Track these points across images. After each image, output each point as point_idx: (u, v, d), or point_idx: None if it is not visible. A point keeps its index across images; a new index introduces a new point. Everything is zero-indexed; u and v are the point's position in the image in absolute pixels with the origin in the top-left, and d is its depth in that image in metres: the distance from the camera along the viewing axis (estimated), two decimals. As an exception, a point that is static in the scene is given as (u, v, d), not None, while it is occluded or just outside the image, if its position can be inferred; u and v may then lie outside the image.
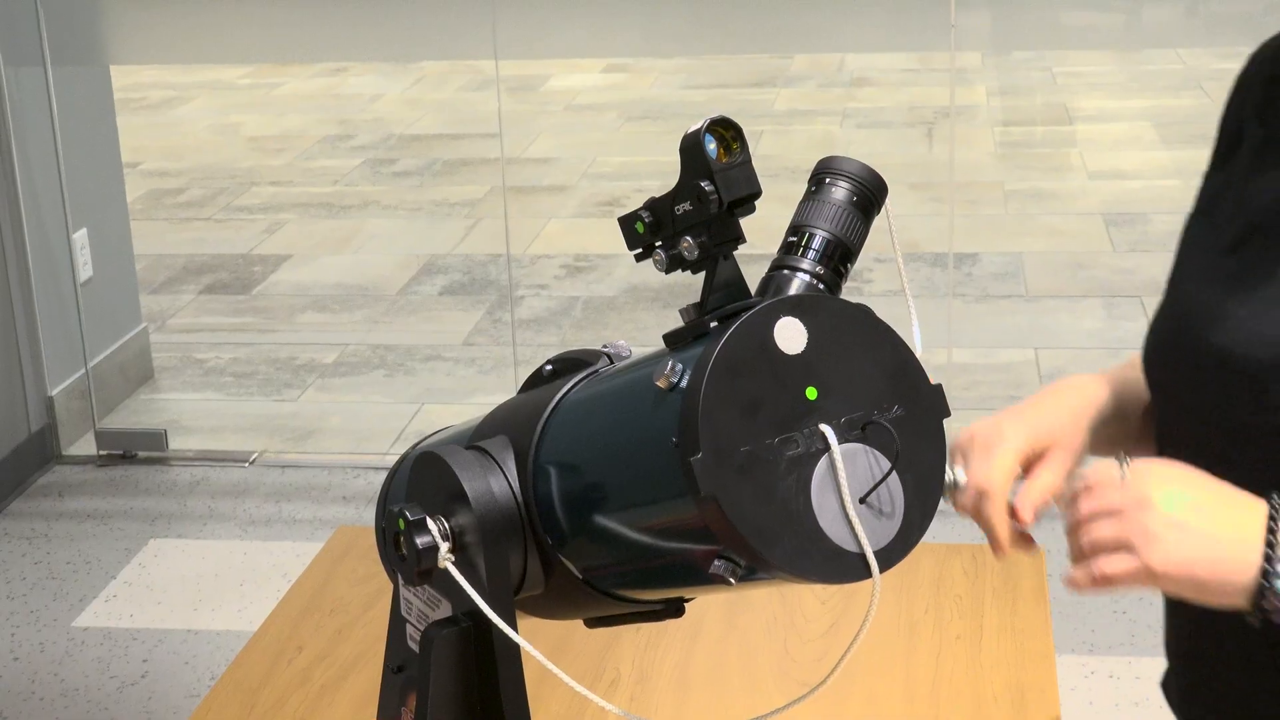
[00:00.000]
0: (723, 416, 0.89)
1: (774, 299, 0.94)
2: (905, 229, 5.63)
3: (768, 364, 0.91)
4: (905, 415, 0.95)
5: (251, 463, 4.10)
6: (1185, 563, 1.04)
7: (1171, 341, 1.24)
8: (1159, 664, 1.41)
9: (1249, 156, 1.27)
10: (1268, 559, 1.03)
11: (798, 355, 0.92)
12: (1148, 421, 1.33)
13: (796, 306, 0.93)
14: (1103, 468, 1.09)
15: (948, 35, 3.76)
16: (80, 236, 4.23)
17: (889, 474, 0.93)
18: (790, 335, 0.92)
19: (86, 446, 4.18)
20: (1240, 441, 1.17)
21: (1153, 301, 1.25)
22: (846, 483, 0.91)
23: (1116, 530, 1.06)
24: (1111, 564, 1.06)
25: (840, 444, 0.91)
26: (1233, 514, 1.05)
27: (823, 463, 0.91)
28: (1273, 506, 1.05)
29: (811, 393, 0.92)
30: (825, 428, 0.91)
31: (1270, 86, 1.30)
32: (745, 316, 0.91)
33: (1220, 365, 1.17)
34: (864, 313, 0.96)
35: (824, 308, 0.94)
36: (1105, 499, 1.07)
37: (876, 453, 0.93)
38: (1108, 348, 4.61)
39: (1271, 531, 1.03)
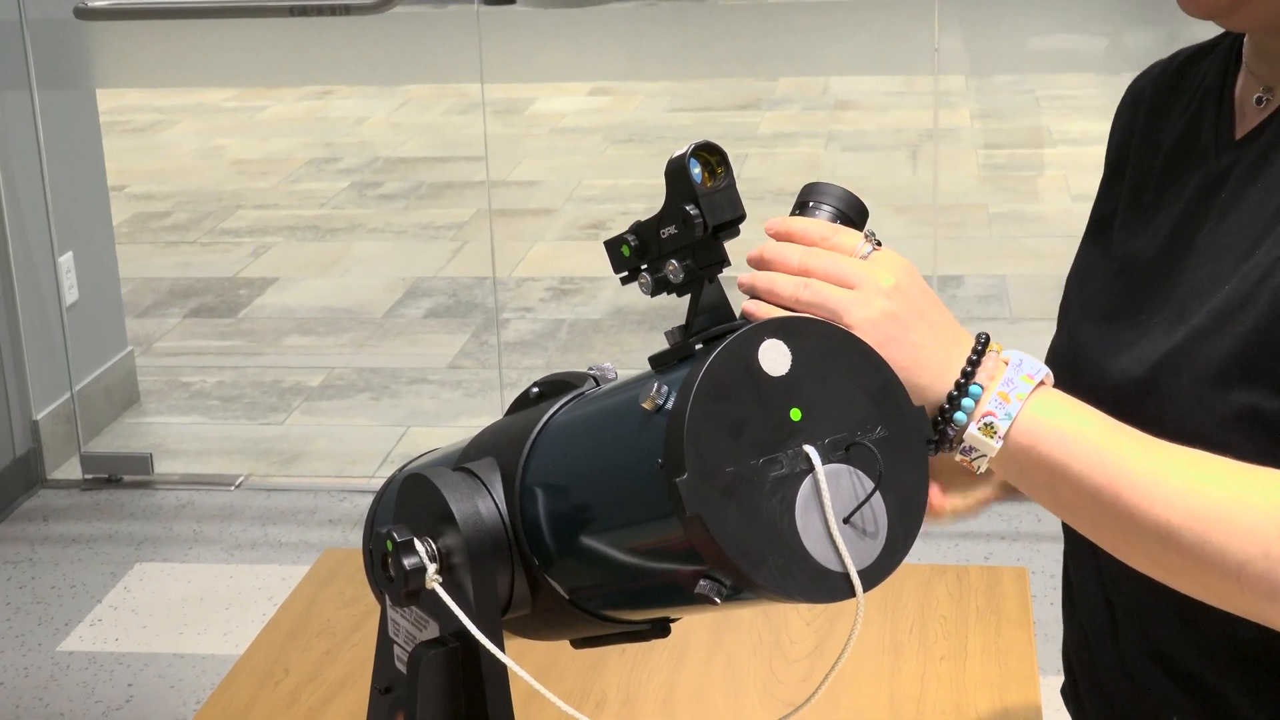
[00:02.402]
0: (708, 438, 0.90)
1: (758, 322, 0.95)
2: (890, 251, 5.64)
3: (752, 386, 0.92)
4: (888, 436, 0.96)
5: (237, 486, 4.10)
6: (887, 351, 1.00)
7: (1066, 367, 1.25)
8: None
9: (1141, 189, 1.32)
10: (958, 385, 1.02)
11: (782, 377, 0.93)
12: None
13: (781, 329, 0.94)
14: (850, 236, 1.03)
15: (931, 59, 3.78)
16: (66, 260, 4.23)
17: (872, 494, 0.93)
18: (774, 357, 0.93)
19: (72, 470, 4.18)
20: None
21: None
22: (830, 503, 0.92)
23: (831, 296, 1.01)
24: (806, 296, 1.01)
25: (824, 465, 0.92)
26: (946, 336, 1.04)
27: (807, 483, 0.92)
28: (979, 341, 1.04)
29: (795, 414, 0.93)
30: (809, 449, 0.92)
31: (1150, 118, 1.34)
32: (730, 339, 0.92)
33: (1111, 390, 1.18)
34: (848, 335, 0.97)
35: (808, 330, 0.95)
36: (839, 262, 1.02)
37: (860, 473, 0.94)
38: (1092, 369, 4.62)
39: (972, 364, 1.02)
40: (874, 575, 0.93)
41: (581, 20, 4.27)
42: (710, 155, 0.96)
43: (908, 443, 0.97)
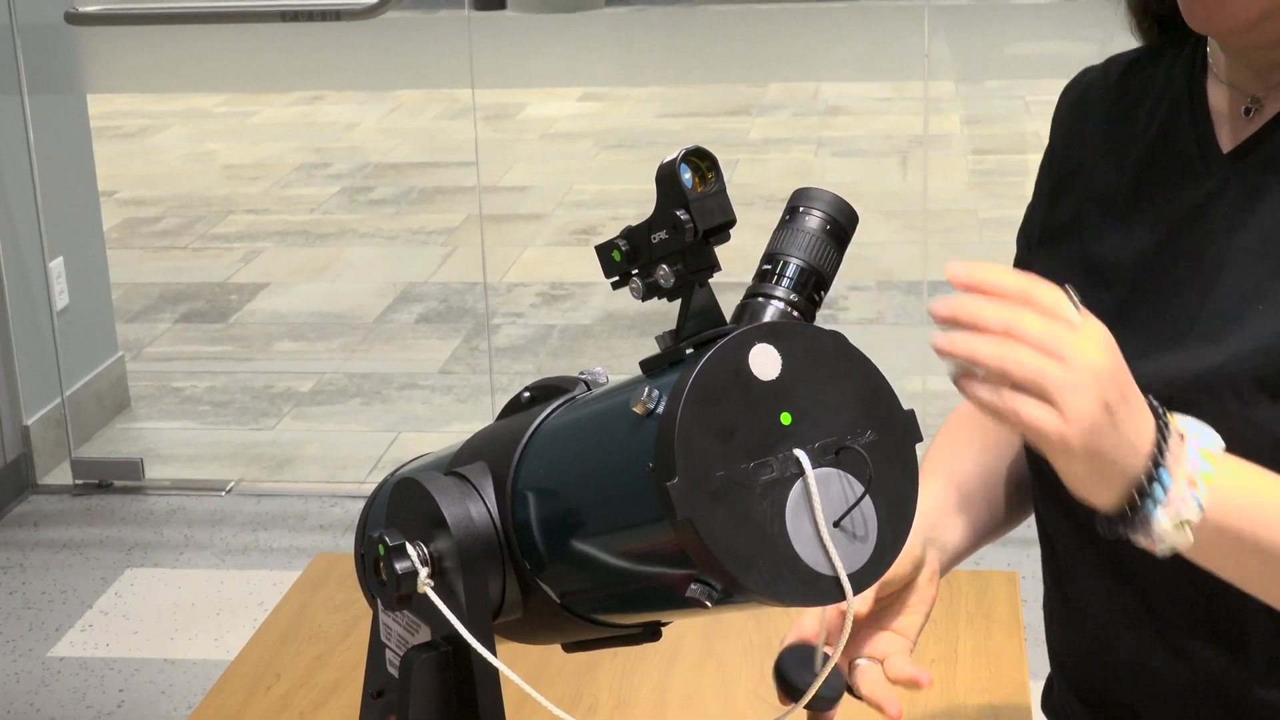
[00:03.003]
0: (698, 442, 0.90)
1: (748, 326, 0.96)
2: (880, 257, 5.66)
3: (742, 390, 0.92)
4: (878, 440, 0.96)
5: (228, 491, 4.10)
6: (1094, 440, 0.97)
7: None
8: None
9: (1112, 194, 1.30)
10: (1148, 474, 0.98)
11: (772, 381, 0.93)
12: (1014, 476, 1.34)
13: (771, 333, 0.94)
14: (1052, 293, 0.96)
15: (921, 64, 3.78)
16: (56, 265, 4.23)
17: (862, 498, 0.94)
18: (765, 362, 0.93)
19: (62, 475, 4.18)
20: None
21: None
22: (820, 507, 0.92)
23: (1045, 373, 0.95)
24: (1029, 409, 0.96)
25: (814, 469, 0.93)
26: (1139, 414, 0.99)
27: (797, 487, 0.92)
28: (1157, 416, 0.99)
29: (786, 418, 0.93)
30: (799, 452, 0.93)
31: (1105, 127, 1.34)
32: (720, 343, 0.93)
33: None
34: (837, 339, 0.97)
35: (798, 334, 0.95)
36: (1049, 330, 0.95)
37: (850, 477, 0.94)
38: (1081, 374, 4.63)
39: (1159, 448, 0.98)
40: (864, 578, 0.93)
41: (572, 25, 4.29)
42: (701, 160, 0.97)
43: (898, 447, 0.98)
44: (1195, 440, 0.99)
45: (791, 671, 0.97)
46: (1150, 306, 1.21)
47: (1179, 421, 1.00)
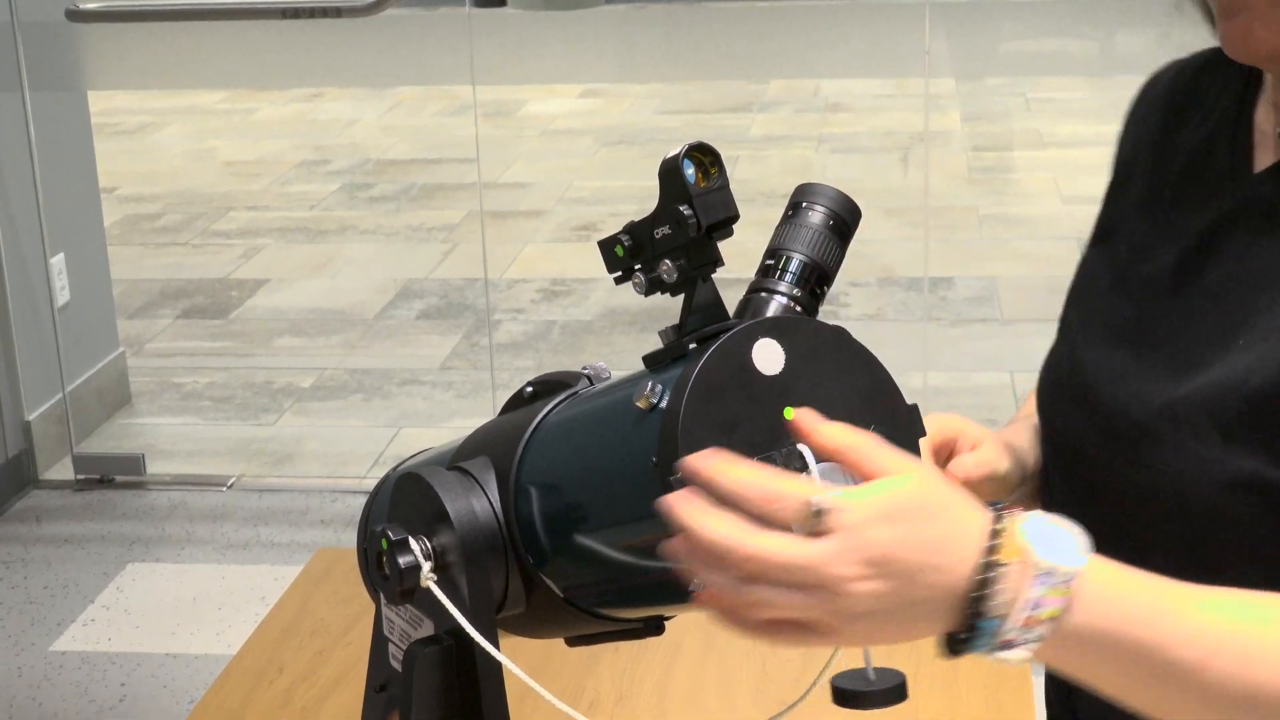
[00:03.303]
0: (701, 436, 0.90)
1: (751, 321, 0.96)
2: (881, 253, 5.67)
3: (746, 385, 0.93)
4: (882, 435, 0.96)
5: (229, 487, 4.10)
6: (873, 639, 0.89)
7: (1063, 384, 1.23)
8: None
9: (1151, 202, 1.25)
10: (969, 624, 0.87)
11: (775, 376, 0.94)
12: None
13: (774, 328, 0.95)
14: (792, 492, 0.85)
15: (922, 61, 3.79)
16: (57, 261, 4.23)
17: None
18: (768, 356, 0.94)
19: (64, 471, 4.18)
20: (1121, 493, 1.13)
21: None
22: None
23: (799, 610, 0.85)
24: (782, 637, 0.87)
25: (817, 464, 0.93)
26: (947, 569, 0.87)
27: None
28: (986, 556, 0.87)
29: (789, 413, 0.93)
30: (802, 447, 0.93)
31: (1164, 125, 1.28)
32: (723, 338, 0.93)
33: (1105, 418, 1.15)
34: (840, 334, 0.97)
35: (801, 329, 0.96)
36: (792, 573, 0.84)
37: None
38: (1082, 371, 4.64)
39: (982, 591, 0.87)
40: None
41: (572, 22, 4.28)
42: (704, 156, 0.97)
43: (901, 441, 0.98)
44: (1043, 578, 0.87)
45: (845, 679, 0.95)
46: (1166, 326, 1.16)
47: (1036, 548, 0.87)
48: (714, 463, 0.86)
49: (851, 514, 0.84)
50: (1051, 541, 0.87)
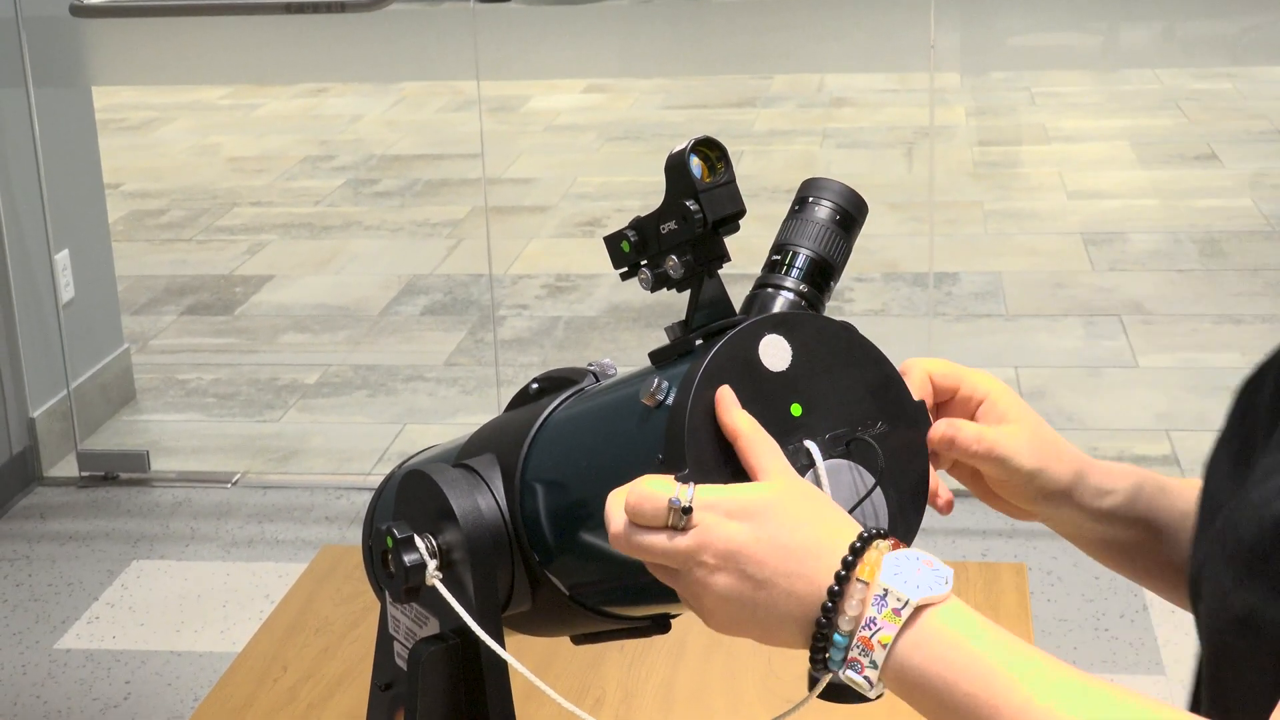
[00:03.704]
0: (708, 433, 0.90)
1: (758, 316, 0.95)
2: (885, 249, 5.66)
3: (752, 381, 0.92)
4: (889, 431, 0.96)
5: (234, 484, 4.10)
6: (739, 632, 0.92)
7: (1214, 481, 1.08)
8: (1140, 681, 1.42)
9: None
10: (818, 630, 0.88)
11: (782, 372, 0.93)
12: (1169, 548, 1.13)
13: (781, 324, 0.94)
14: (654, 493, 0.89)
15: (926, 56, 3.78)
16: (62, 258, 4.23)
17: (873, 490, 0.94)
18: (775, 352, 0.93)
19: (68, 468, 4.18)
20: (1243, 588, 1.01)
21: (1132, 320, 1.23)
22: (831, 498, 0.92)
23: (667, 578, 0.92)
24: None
25: (825, 460, 0.92)
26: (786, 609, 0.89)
27: (808, 478, 0.92)
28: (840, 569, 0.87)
29: (796, 409, 0.93)
30: (810, 444, 0.93)
31: None
32: (730, 334, 0.93)
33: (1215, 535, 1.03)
34: (847, 330, 0.97)
35: (808, 325, 0.95)
36: (662, 560, 0.90)
37: (861, 469, 0.94)
38: (1087, 366, 4.63)
39: (828, 612, 0.87)
40: None
41: (576, 17, 4.27)
42: (710, 150, 0.96)
43: (909, 437, 0.97)
44: (880, 600, 0.86)
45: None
46: (1254, 441, 1.05)
47: (885, 570, 0.86)
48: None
49: (709, 511, 0.88)
50: (905, 570, 0.86)
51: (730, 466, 0.90)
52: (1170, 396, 4.39)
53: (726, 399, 0.91)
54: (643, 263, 0.98)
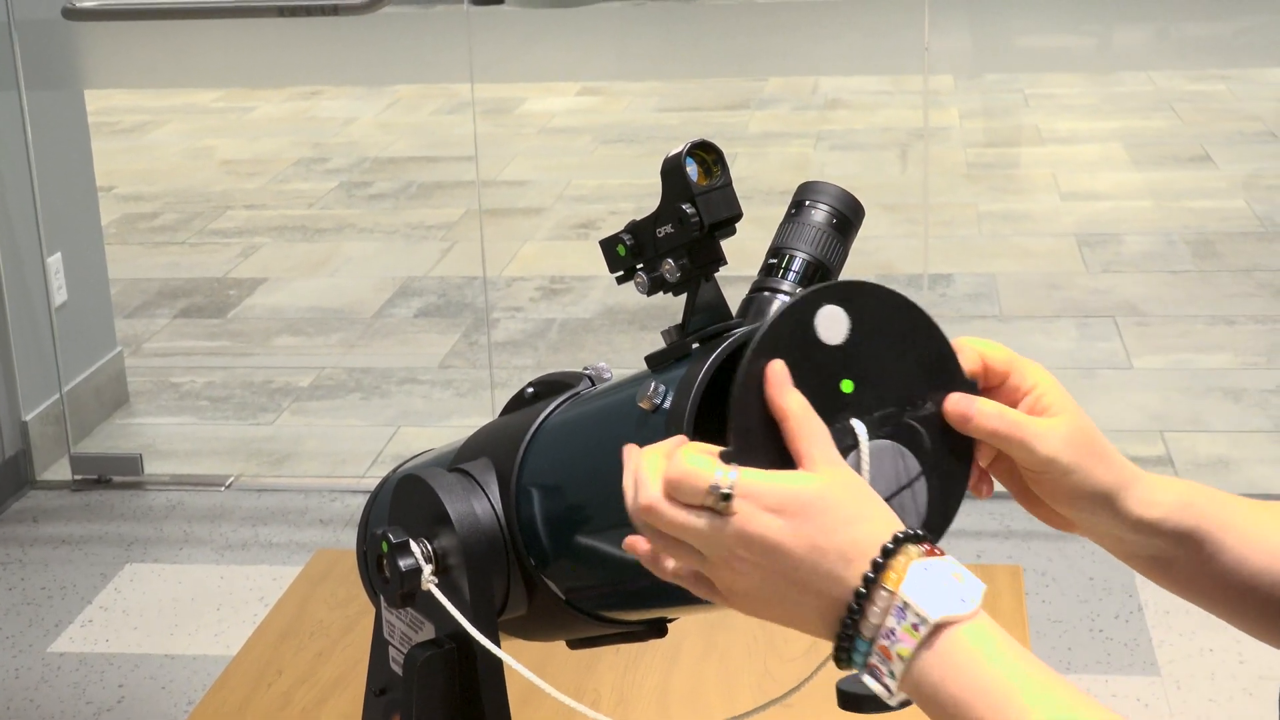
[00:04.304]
0: (756, 408, 0.88)
1: (819, 286, 0.93)
2: (880, 250, 5.66)
3: (805, 354, 0.89)
4: (938, 411, 0.94)
5: (228, 487, 4.09)
6: (758, 614, 0.92)
7: None
8: (1134, 682, 1.42)
9: None
10: (842, 631, 0.88)
11: (837, 345, 0.91)
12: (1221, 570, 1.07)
13: (841, 294, 0.91)
14: (697, 472, 0.87)
15: (921, 58, 3.78)
16: (55, 261, 4.22)
17: (916, 479, 0.92)
18: (832, 325, 0.90)
19: (61, 471, 4.17)
20: None
21: (1125, 321, 1.23)
22: (872, 487, 0.90)
23: (698, 566, 0.91)
24: (685, 584, 0.93)
25: (870, 440, 0.90)
26: (813, 603, 0.89)
27: (850, 459, 0.90)
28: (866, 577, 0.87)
29: (847, 385, 0.89)
30: (857, 424, 0.90)
31: None
32: (789, 303, 0.91)
33: None
34: (907, 304, 0.94)
35: (868, 295, 0.92)
36: (694, 538, 0.89)
37: (906, 452, 0.92)
38: (1081, 367, 4.63)
39: (854, 615, 0.87)
40: None
41: (570, 20, 4.27)
42: (706, 154, 0.96)
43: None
44: (900, 612, 0.86)
45: (850, 683, 0.94)
46: None
47: (909, 581, 0.86)
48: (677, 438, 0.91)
49: (748, 500, 0.87)
50: (931, 584, 0.85)
51: (774, 445, 0.88)
52: (1164, 397, 4.39)
53: (779, 376, 0.89)
54: (639, 266, 0.98)
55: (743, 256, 1.16)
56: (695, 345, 0.96)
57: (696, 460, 0.87)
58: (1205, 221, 5.99)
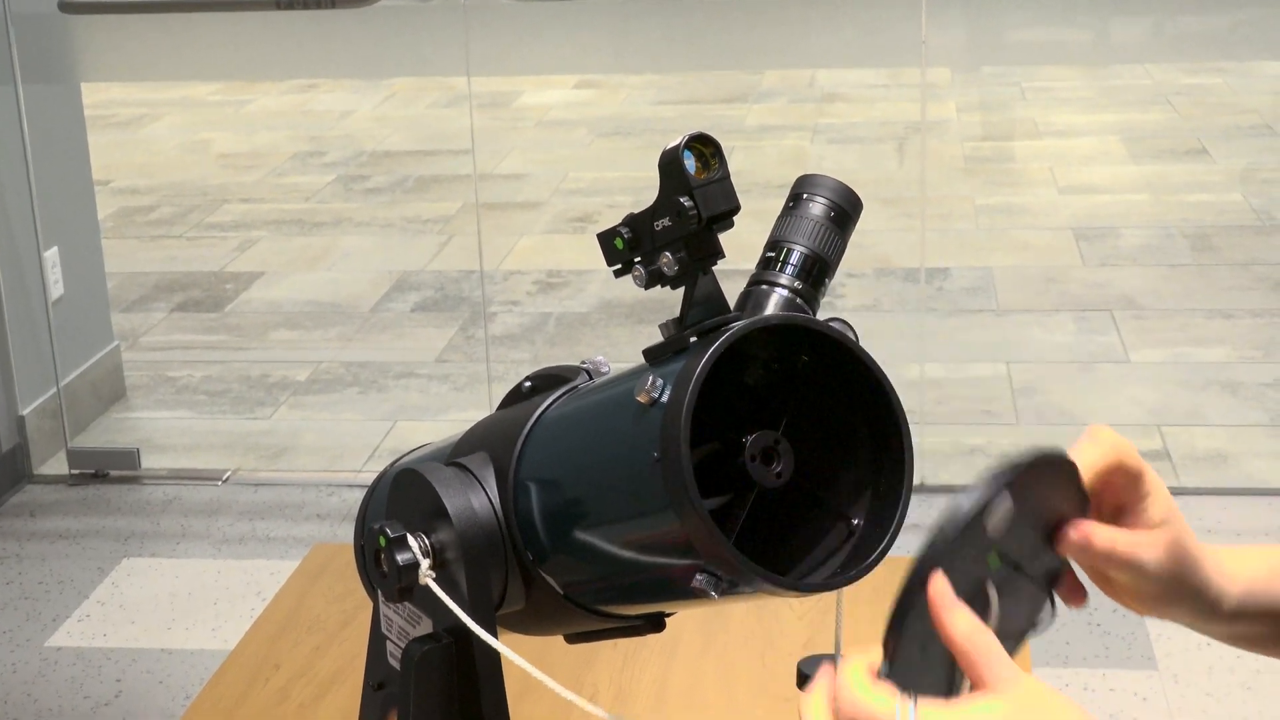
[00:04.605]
0: (920, 628, 0.86)
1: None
2: (877, 244, 5.66)
3: (971, 545, 0.89)
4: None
5: (225, 481, 4.09)
6: None
7: None
8: (1132, 676, 1.42)
9: None
10: None
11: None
12: None
13: (1015, 487, 0.88)
14: (870, 715, 0.81)
15: (918, 51, 3.77)
16: (51, 255, 4.22)
17: (1028, 634, 0.92)
18: (1000, 516, 0.87)
19: (58, 466, 4.17)
20: None
21: (1123, 315, 1.23)
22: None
23: None
24: None
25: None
26: None
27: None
28: None
29: (994, 562, 0.87)
30: (991, 589, 0.90)
31: None
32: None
33: None
34: (1068, 466, 0.92)
35: (1042, 479, 0.90)
36: None
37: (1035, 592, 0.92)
38: (1078, 361, 4.63)
39: None
40: (863, 571, 0.93)
41: (567, 13, 4.27)
42: (704, 147, 0.96)
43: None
44: None
45: (810, 665, 0.94)
46: None
47: None
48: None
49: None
50: None
51: (939, 665, 0.84)
52: (1162, 391, 4.39)
53: (945, 599, 0.83)
54: (636, 260, 0.98)
55: (741, 250, 1.16)
56: (693, 339, 0.96)
57: (867, 695, 0.81)
58: (1202, 215, 5.99)
